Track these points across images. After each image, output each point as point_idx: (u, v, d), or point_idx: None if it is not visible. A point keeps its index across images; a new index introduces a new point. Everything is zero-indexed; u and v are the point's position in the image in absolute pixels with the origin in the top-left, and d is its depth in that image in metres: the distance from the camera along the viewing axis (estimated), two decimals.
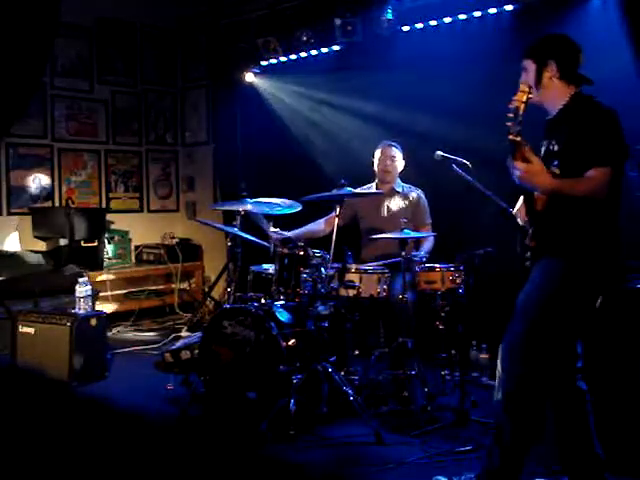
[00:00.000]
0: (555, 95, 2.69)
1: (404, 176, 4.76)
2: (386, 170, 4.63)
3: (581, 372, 2.70)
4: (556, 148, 2.61)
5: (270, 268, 4.15)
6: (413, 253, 4.22)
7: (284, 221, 4.49)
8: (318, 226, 4.77)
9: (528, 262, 2.70)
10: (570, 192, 2.51)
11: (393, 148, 4.64)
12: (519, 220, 2.86)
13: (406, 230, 3.98)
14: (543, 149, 2.72)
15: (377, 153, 4.69)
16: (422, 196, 4.68)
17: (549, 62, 2.69)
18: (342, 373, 3.81)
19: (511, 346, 2.61)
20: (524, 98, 2.50)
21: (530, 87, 2.56)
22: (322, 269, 3.89)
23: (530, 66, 2.74)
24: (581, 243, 2.54)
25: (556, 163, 2.58)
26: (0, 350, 4.76)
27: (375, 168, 4.70)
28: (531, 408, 2.56)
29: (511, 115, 2.49)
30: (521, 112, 2.47)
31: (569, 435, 2.70)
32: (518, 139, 2.48)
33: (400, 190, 4.69)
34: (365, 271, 4.06)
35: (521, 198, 2.81)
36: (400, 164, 4.67)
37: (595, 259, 2.55)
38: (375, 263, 4.27)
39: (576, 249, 2.54)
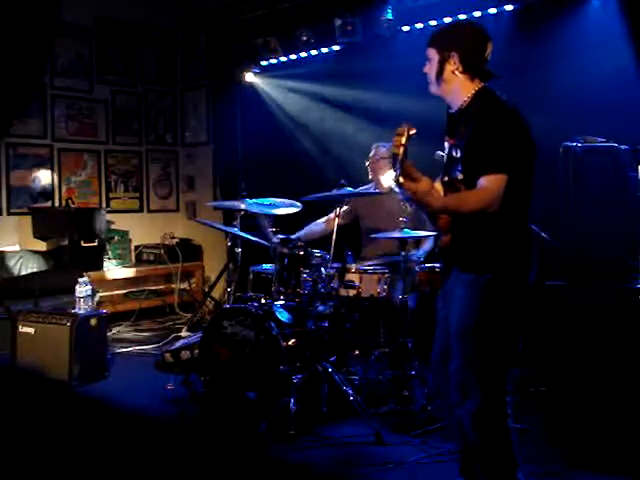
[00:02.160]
0: (457, 90, 2.53)
1: None
2: (373, 170, 4.64)
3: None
4: (458, 154, 2.48)
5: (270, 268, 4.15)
6: (410, 253, 4.22)
7: (284, 221, 4.49)
8: (318, 226, 4.76)
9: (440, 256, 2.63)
10: (458, 210, 2.40)
11: (382, 149, 4.63)
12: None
13: (406, 230, 3.98)
14: (446, 151, 2.61)
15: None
16: None
17: (451, 54, 2.50)
18: (342, 373, 3.81)
19: (461, 373, 2.45)
20: (403, 140, 2.33)
21: (408, 128, 2.35)
22: (322, 269, 3.89)
23: (434, 56, 2.56)
24: (501, 259, 2.42)
25: (460, 169, 2.46)
26: (0, 350, 4.75)
27: None
28: (500, 419, 2.44)
29: (391, 160, 2.37)
30: (400, 157, 2.32)
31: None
32: (401, 180, 2.33)
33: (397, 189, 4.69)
34: (365, 271, 4.06)
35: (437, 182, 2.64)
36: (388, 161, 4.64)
37: (517, 271, 2.43)
38: (374, 262, 4.28)
39: (496, 265, 2.41)
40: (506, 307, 2.43)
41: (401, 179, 2.34)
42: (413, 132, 2.36)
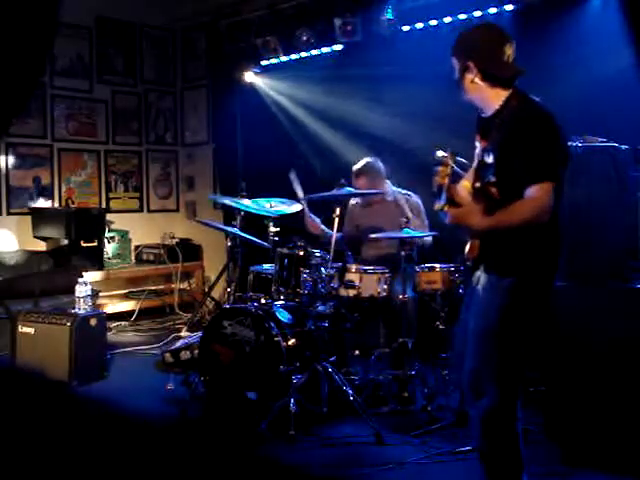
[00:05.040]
0: (485, 98, 2.48)
1: (401, 179, 4.73)
2: (372, 188, 4.49)
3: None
4: (491, 160, 2.42)
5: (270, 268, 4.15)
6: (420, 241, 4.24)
7: (284, 221, 4.48)
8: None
9: (469, 262, 2.61)
10: (510, 224, 2.33)
11: (360, 177, 4.51)
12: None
13: (406, 229, 3.98)
14: (476, 155, 2.57)
15: None
16: (414, 199, 4.55)
17: (468, 64, 2.46)
18: (342, 373, 3.81)
19: (473, 373, 2.46)
20: (448, 170, 2.33)
21: (451, 156, 2.35)
22: (322, 269, 3.89)
23: (456, 65, 2.53)
24: (527, 262, 2.38)
25: (492, 172, 2.40)
26: (0, 350, 4.75)
27: None
28: (510, 420, 2.43)
29: (435, 192, 2.36)
30: (446, 187, 2.32)
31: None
32: (446, 209, 2.35)
33: (391, 199, 4.57)
34: (365, 271, 4.06)
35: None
36: (372, 182, 4.46)
37: (541, 275, 2.41)
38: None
39: (521, 268, 2.38)
40: (525, 311, 2.42)
41: (446, 208, 2.35)
42: (456, 158, 2.37)
